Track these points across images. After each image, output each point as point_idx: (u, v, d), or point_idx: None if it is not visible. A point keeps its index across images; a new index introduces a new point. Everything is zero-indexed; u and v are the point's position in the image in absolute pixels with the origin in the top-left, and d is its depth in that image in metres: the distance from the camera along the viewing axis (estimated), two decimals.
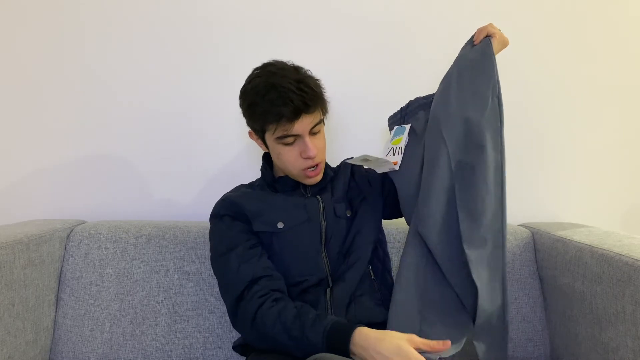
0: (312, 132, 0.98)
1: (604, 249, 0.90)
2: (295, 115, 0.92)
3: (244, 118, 1.02)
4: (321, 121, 1.01)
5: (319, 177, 1.04)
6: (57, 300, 1.17)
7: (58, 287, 1.18)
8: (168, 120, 1.40)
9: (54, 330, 1.15)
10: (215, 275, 1.00)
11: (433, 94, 1.06)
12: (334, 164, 1.19)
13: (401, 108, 1.12)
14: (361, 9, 1.39)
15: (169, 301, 1.15)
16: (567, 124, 1.40)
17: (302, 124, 0.94)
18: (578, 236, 1.03)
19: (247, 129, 1.02)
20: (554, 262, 1.04)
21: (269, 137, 0.99)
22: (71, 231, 1.23)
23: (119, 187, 1.41)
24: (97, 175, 1.41)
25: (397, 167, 1.03)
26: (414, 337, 0.77)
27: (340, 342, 0.79)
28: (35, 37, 1.40)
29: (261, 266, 0.94)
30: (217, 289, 1.16)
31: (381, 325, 0.97)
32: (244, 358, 1.01)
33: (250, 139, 1.07)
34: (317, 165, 1.01)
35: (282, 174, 1.08)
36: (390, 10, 1.39)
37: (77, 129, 1.40)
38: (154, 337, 1.13)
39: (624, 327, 0.81)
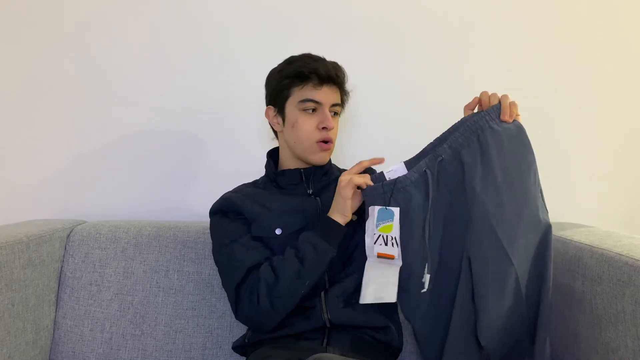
0: (331, 111, 1.03)
1: (604, 249, 0.90)
2: (327, 77, 0.99)
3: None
4: (340, 107, 1.06)
5: (327, 156, 1.06)
6: (57, 300, 1.17)
7: (58, 287, 1.18)
8: (169, 120, 1.40)
9: (54, 330, 1.15)
10: (218, 266, 1.00)
11: (419, 160, 0.93)
12: (341, 165, 1.19)
13: (383, 183, 0.92)
14: (373, 9, 1.39)
15: (169, 301, 1.15)
16: (567, 124, 1.39)
17: (327, 94, 1.01)
18: (578, 236, 1.03)
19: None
20: (554, 262, 1.04)
21: (290, 103, 1.02)
22: (71, 231, 1.23)
23: (119, 187, 1.41)
24: (97, 175, 1.41)
25: (398, 261, 0.91)
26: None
27: (324, 224, 0.93)
28: (35, 36, 1.40)
29: (265, 255, 0.96)
30: (217, 289, 1.16)
31: (382, 329, 0.97)
32: (244, 358, 1.01)
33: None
34: (329, 141, 1.02)
35: (286, 167, 1.08)
36: (401, 11, 1.39)
37: (78, 129, 1.40)
38: (154, 337, 1.13)
39: (624, 327, 0.81)
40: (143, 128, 1.40)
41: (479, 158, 0.88)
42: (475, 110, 0.93)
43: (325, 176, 1.09)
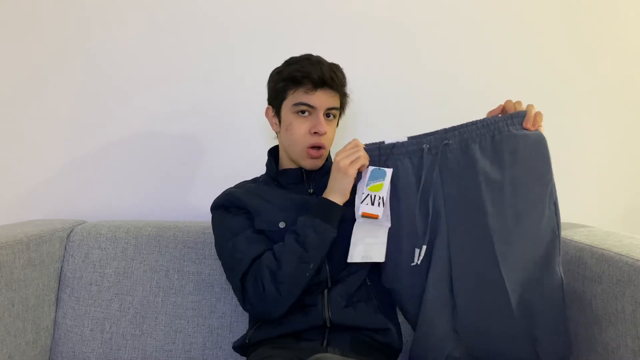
0: (327, 115, 1.02)
1: (604, 249, 0.90)
2: (321, 82, 0.98)
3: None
4: (337, 110, 1.05)
5: (319, 162, 1.05)
6: (57, 300, 1.17)
7: (58, 287, 1.18)
8: (168, 120, 1.40)
9: (54, 330, 1.15)
10: (222, 259, 1.01)
11: (422, 137, 0.94)
12: None
13: (380, 146, 0.94)
14: (374, 9, 1.39)
15: (169, 301, 1.15)
16: (566, 124, 1.39)
17: (322, 98, 0.99)
18: (578, 236, 1.03)
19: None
20: None
21: (285, 106, 1.02)
22: (71, 231, 1.23)
23: (119, 187, 1.41)
24: (97, 175, 1.41)
25: (387, 222, 0.92)
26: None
27: (321, 205, 0.93)
28: (37, 37, 1.40)
29: (268, 247, 0.95)
30: (217, 289, 1.16)
31: (382, 331, 0.97)
32: (244, 358, 1.01)
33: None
34: (321, 147, 1.02)
35: (286, 167, 1.08)
36: (404, 11, 1.39)
37: (78, 129, 1.40)
38: (154, 337, 1.13)
39: (624, 327, 0.81)
40: (143, 128, 1.40)
41: (490, 157, 0.89)
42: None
43: (326, 176, 1.08)
